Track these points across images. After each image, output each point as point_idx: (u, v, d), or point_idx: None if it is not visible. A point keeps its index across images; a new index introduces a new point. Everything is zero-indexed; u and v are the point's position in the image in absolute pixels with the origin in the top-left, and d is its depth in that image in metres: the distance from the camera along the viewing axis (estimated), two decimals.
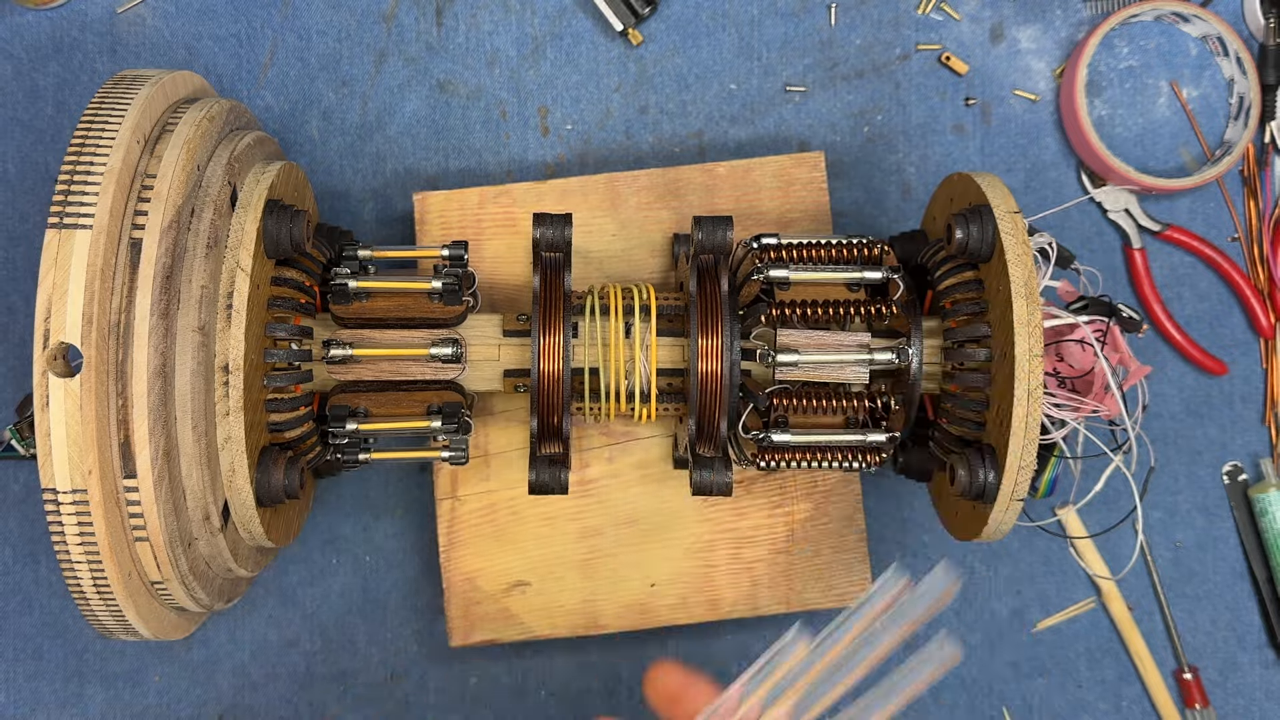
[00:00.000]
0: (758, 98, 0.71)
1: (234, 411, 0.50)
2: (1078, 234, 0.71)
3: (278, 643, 0.70)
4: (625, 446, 0.67)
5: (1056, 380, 0.59)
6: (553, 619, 0.66)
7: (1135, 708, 0.70)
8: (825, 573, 0.67)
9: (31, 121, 0.70)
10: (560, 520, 0.66)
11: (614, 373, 0.57)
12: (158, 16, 0.71)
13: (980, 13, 0.71)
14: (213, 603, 0.55)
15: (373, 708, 0.69)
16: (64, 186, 0.47)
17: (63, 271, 0.46)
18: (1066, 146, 0.71)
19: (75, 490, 0.46)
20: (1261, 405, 0.71)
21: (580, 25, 0.71)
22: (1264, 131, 0.71)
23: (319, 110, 0.71)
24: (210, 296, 0.51)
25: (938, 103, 0.71)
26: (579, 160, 0.71)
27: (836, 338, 0.56)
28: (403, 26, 0.71)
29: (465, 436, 0.59)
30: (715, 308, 0.55)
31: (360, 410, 0.57)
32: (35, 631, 0.70)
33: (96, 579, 0.48)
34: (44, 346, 0.45)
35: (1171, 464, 0.71)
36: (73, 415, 0.45)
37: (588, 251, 0.67)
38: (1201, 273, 0.71)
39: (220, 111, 0.55)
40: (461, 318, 0.58)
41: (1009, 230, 0.52)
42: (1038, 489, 0.62)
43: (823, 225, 0.67)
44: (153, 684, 0.69)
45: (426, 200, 0.67)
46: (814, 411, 0.56)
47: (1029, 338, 0.50)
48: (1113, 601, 0.70)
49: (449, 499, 0.66)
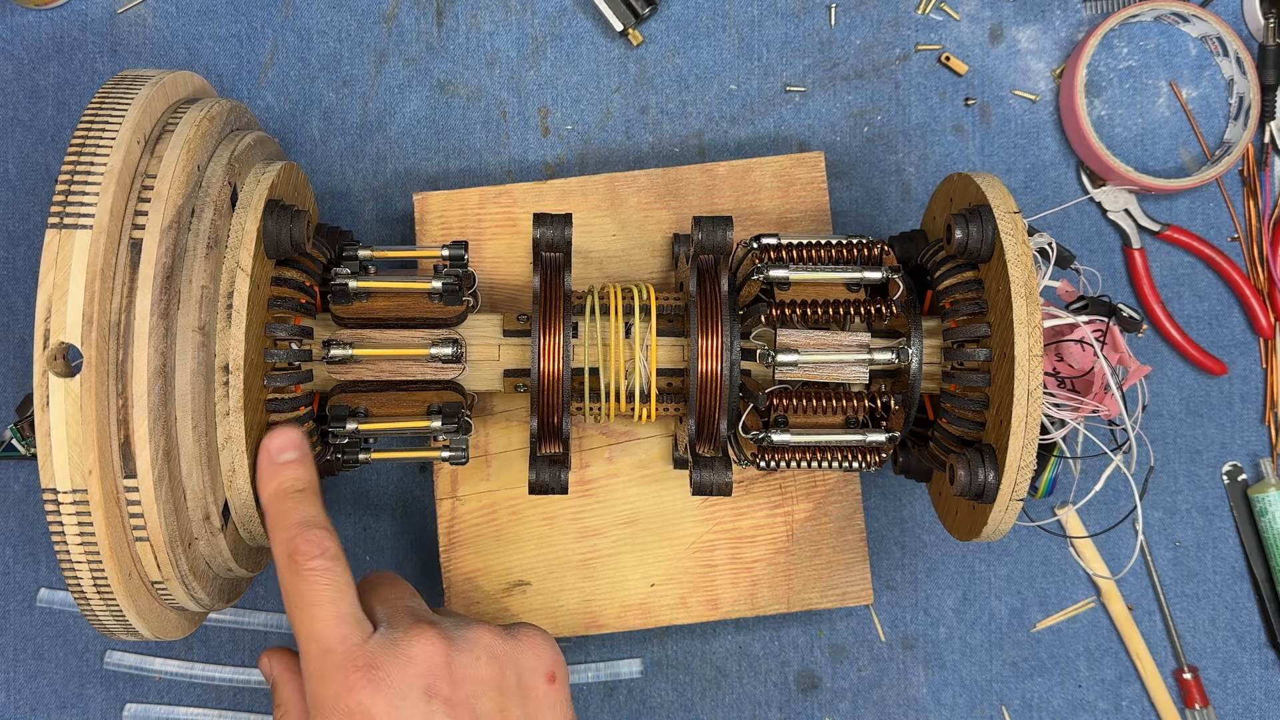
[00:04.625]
0: (758, 98, 0.71)
1: (234, 411, 0.50)
2: (1077, 234, 0.71)
3: (278, 642, 0.70)
4: (625, 446, 0.67)
5: (1056, 380, 0.59)
6: (553, 619, 0.66)
7: (1135, 707, 0.70)
8: (825, 573, 0.67)
9: (32, 121, 0.70)
10: (560, 520, 0.66)
11: (614, 373, 0.57)
12: (158, 17, 0.71)
13: (980, 13, 0.71)
14: (213, 603, 0.55)
15: None
16: (64, 186, 0.47)
17: (63, 271, 0.46)
18: (1066, 147, 0.71)
19: (75, 490, 0.46)
20: (1261, 405, 0.71)
21: (580, 26, 0.71)
22: (1264, 132, 0.71)
23: (319, 110, 0.71)
24: (210, 296, 0.51)
25: (937, 103, 0.71)
26: (579, 160, 0.71)
27: (836, 338, 0.56)
28: (403, 27, 0.71)
29: (465, 436, 0.59)
30: (715, 308, 0.55)
31: (360, 410, 0.57)
32: (35, 631, 0.70)
33: (97, 579, 0.48)
34: (44, 346, 0.45)
35: (1171, 464, 0.71)
36: (73, 415, 0.45)
37: (588, 251, 0.67)
38: (1201, 273, 0.71)
39: (221, 111, 0.55)
40: (461, 318, 0.58)
41: (1009, 230, 0.52)
42: (1037, 489, 0.62)
43: (823, 225, 0.67)
44: (153, 684, 0.69)
45: (426, 200, 0.67)
46: (814, 411, 0.56)
47: (1029, 338, 0.51)
48: (1112, 601, 0.70)
49: (449, 499, 0.66)
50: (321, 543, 0.49)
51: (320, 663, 0.48)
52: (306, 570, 0.49)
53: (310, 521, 0.50)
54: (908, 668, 0.70)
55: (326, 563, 0.49)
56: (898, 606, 0.70)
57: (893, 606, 0.70)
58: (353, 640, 0.48)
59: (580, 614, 0.66)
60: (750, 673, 0.70)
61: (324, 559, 0.49)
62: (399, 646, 0.48)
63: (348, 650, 0.47)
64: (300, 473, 0.52)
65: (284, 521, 0.51)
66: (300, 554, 0.49)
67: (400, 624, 0.50)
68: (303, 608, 0.49)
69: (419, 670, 0.48)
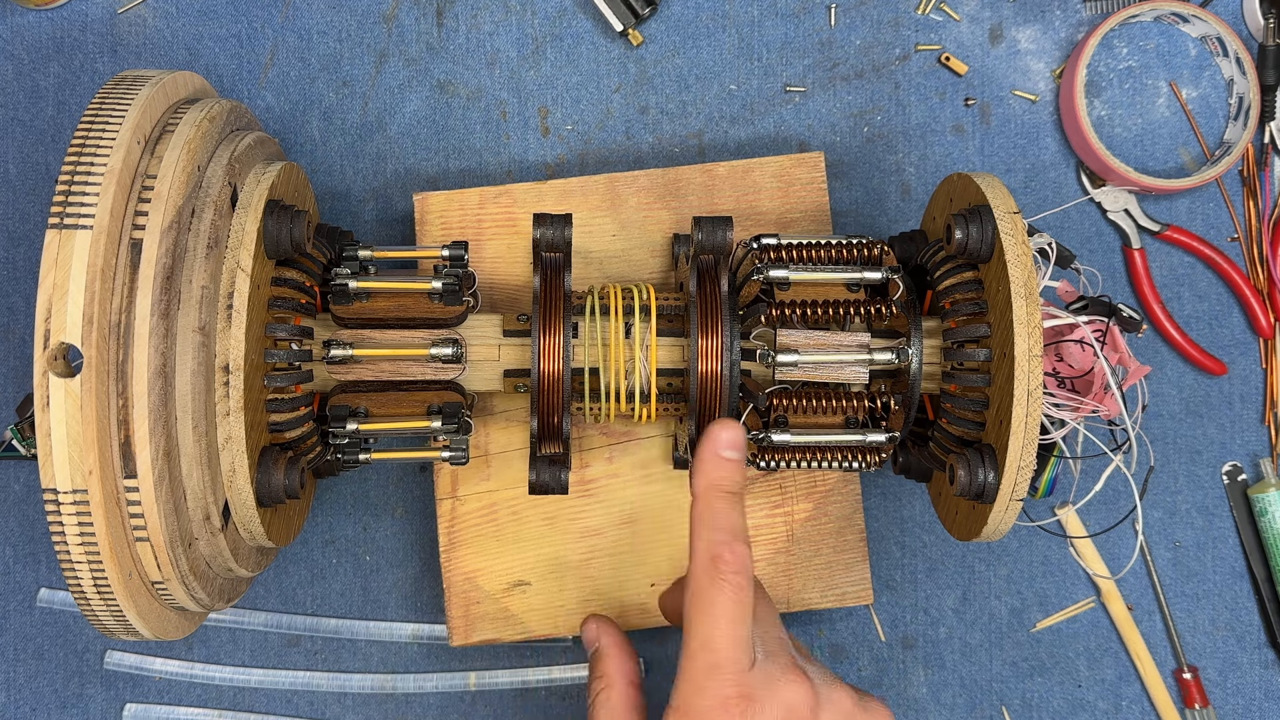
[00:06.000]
0: (758, 98, 0.71)
1: (234, 411, 0.50)
2: (1077, 234, 0.71)
3: (278, 642, 0.70)
4: (625, 446, 0.67)
5: (1056, 380, 0.59)
6: (553, 619, 0.66)
7: (1135, 707, 0.70)
8: (825, 573, 0.67)
9: (32, 122, 0.70)
10: (560, 520, 0.66)
11: (614, 373, 0.57)
12: (158, 17, 0.71)
13: (980, 13, 0.71)
14: (213, 603, 0.55)
15: (373, 707, 0.69)
16: (64, 187, 0.47)
17: (63, 272, 0.46)
18: (1066, 147, 0.71)
19: (75, 490, 0.46)
20: (1261, 405, 0.71)
21: (580, 26, 0.71)
22: (1263, 132, 0.71)
23: (319, 111, 0.71)
24: (210, 297, 0.51)
25: (937, 103, 0.71)
26: (579, 160, 0.71)
27: (836, 338, 0.56)
28: (403, 27, 0.71)
29: (465, 436, 0.59)
30: (715, 308, 0.55)
31: (360, 410, 0.57)
32: (35, 631, 0.70)
33: (97, 579, 0.48)
34: (44, 346, 0.45)
35: (1171, 464, 0.71)
36: (73, 415, 0.45)
37: (588, 251, 0.67)
38: (1201, 273, 0.71)
39: (221, 112, 0.55)
40: (462, 318, 0.58)
41: (1008, 230, 0.52)
42: (1037, 489, 0.62)
43: (822, 225, 0.67)
44: (153, 684, 0.69)
45: (426, 200, 0.67)
46: (813, 411, 0.56)
47: (1029, 338, 0.51)
48: (1112, 601, 0.70)
49: (449, 499, 0.66)
50: (745, 559, 0.50)
51: (705, 673, 0.49)
52: (724, 581, 0.50)
53: (738, 532, 0.51)
54: (908, 667, 0.70)
55: (743, 581, 0.50)
56: (897, 606, 0.70)
57: (892, 606, 0.70)
58: (741, 665, 0.49)
59: (580, 614, 0.66)
60: None
61: (742, 576, 0.50)
62: (777, 687, 0.50)
63: (735, 674, 0.49)
64: (738, 475, 0.53)
65: (714, 521, 0.52)
66: (724, 562, 0.50)
67: (779, 661, 0.51)
68: (707, 614, 0.50)
69: (786, 717, 0.50)
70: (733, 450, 0.53)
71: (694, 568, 0.51)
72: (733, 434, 0.53)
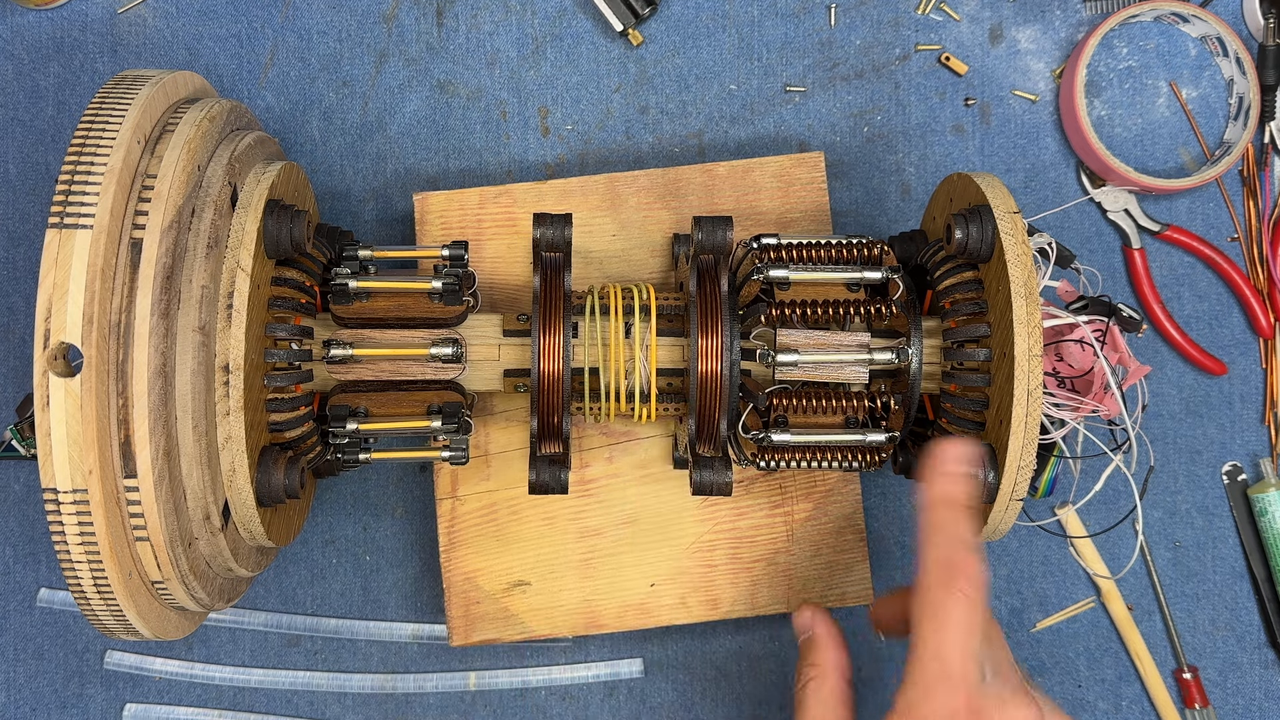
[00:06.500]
0: (758, 98, 0.71)
1: (234, 411, 0.50)
2: (1077, 234, 0.71)
3: (278, 642, 0.70)
4: (625, 446, 0.67)
5: (1056, 380, 0.59)
6: (553, 619, 0.66)
7: (1135, 707, 0.70)
8: (825, 573, 0.67)
9: (32, 121, 0.70)
10: (560, 520, 0.66)
11: (614, 373, 0.57)
12: (158, 17, 0.71)
13: (980, 13, 0.71)
14: (213, 602, 0.55)
15: (373, 707, 0.69)
16: (64, 186, 0.47)
17: (63, 271, 0.46)
18: (1066, 147, 0.71)
19: (75, 490, 0.46)
20: (1261, 405, 0.71)
21: (580, 26, 0.71)
22: (1263, 132, 0.71)
23: (320, 110, 0.71)
24: (210, 296, 0.51)
25: (937, 103, 0.71)
26: (579, 160, 0.71)
27: (836, 338, 0.56)
28: (403, 27, 0.71)
29: (465, 436, 0.59)
30: (715, 308, 0.55)
31: (360, 410, 0.57)
32: (35, 631, 0.70)
33: (97, 579, 0.48)
34: (44, 346, 0.45)
35: (1171, 464, 0.71)
36: (73, 415, 0.45)
37: (588, 251, 0.67)
38: (1201, 273, 0.71)
39: (221, 112, 0.55)
40: (462, 318, 0.58)
41: (1008, 230, 0.52)
42: (1037, 489, 0.62)
43: (822, 225, 0.67)
44: (153, 684, 0.69)
45: (426, 200, 0.67)
46: (813, 411, 0.56)
47: (1029, 338, 0.51)
48: (1112, 601, 0.70)
49: (449, 499, 0.66)
50: (981, 575, 0.50)
51: (935, 681, 0.49)
52: (960, 592, 0.50)
53: (975, 547, 0.51)
54: None
55: (977, 595, 0.50)
56: None
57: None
58: (972, 679, 0.49)
59: (580, 614, 0.66)
60: (750, 673, 0.70)
61: (977, 591, 0.50)
62: (1006, 709, 0.50)
63: (967, 686, 0.49)
64: (974, 491, 0.53)
65: (951, 531, 0.51)
66: (961, 574, 0.50)
67: (1009, 682, 0.52)
68: (941, 623, 0.50)
69: None
70: (963, 464, 0.53)
71: (925, 578, 0.51)
72: (962, 449, 0.53)
